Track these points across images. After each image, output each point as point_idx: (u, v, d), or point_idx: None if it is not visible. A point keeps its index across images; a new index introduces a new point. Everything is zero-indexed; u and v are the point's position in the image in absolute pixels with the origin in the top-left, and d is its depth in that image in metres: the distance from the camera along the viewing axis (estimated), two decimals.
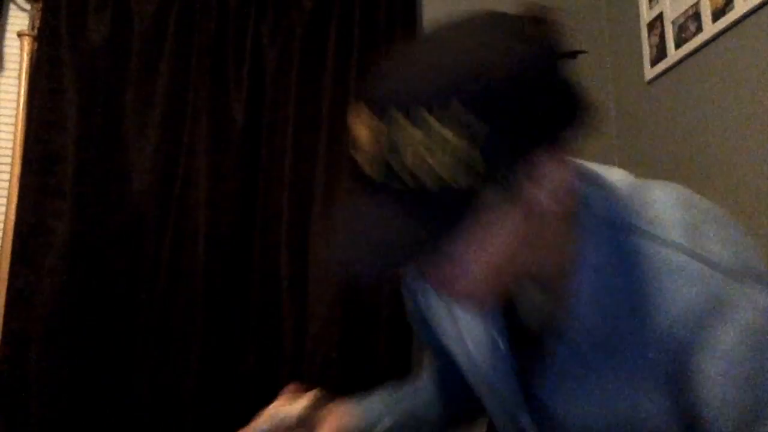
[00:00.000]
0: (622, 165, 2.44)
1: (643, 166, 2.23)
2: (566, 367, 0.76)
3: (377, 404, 1.05)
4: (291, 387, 1.00)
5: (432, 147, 0.58)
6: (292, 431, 0.96)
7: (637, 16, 2.28)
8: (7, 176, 2.16)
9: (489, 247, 0.65)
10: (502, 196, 0.62)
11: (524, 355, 0.81)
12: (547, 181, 0.64)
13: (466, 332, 0.87)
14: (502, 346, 0.82)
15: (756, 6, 1.71)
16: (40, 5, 2.21)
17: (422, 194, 0.60)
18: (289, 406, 1.01)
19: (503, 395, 0.85)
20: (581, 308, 0.72)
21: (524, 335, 0.81)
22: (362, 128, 0.63)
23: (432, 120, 0.58)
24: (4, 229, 2.10)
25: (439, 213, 0.61)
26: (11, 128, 2.20)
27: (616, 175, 0.78)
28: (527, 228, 0.66)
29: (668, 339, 0.67)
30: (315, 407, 1.00)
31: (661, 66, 2.13)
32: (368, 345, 2.11)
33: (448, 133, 0.58)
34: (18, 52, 2.23)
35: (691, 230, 0.69)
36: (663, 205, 0.72)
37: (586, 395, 0.75)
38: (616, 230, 0.70)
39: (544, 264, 0.72)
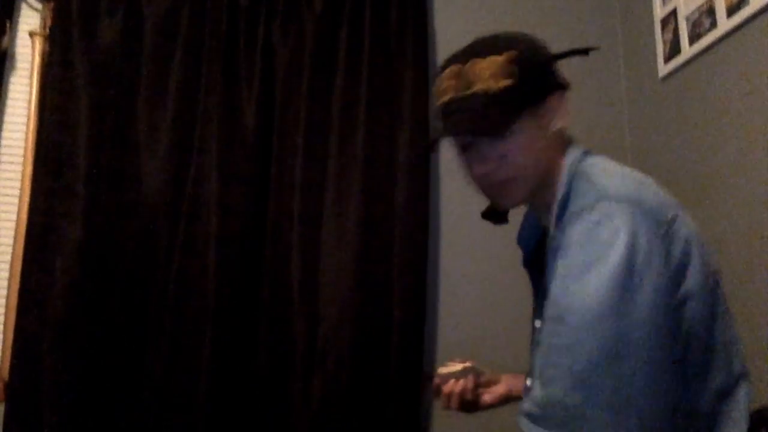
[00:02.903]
0: (634, 161, 2.42)
1: (656, 163, 2.20)
2: (546, 285, 1.06)
3: None
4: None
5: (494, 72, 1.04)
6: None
7: (651, 12, 2.26)
8: (18, 177, 2.17)
9: (522, 139, 1.05)
10: (530, 111, 1.05)
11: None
12: (551, 112, 1.08)
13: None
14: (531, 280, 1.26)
15: None
16: (52, 5, 2.23)
17: (488, 96, 1.03)
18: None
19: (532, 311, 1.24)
20: (551, 229, 1.06)
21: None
22: (447, 77, 1.08)
23: (492, 57, 1.04)
24: (17, 230, 2.11)
25: (497, 108, 1.03)
26: (23, 129, 2.21)
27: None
28: (539, 136, 1.07)
29: (561, 236, 0.99)
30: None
31: (675, 62, 2.10)
32: (380, 346, 2.10)
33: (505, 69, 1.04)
34: (29, 52, 2.24)
35: (605, 175, 1.04)
36: (601, 165, 1.08)
37: (547, 303, 1.04)
38: (573, 176, 1.07)
39: (546, 181, 1.09)
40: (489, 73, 1.03)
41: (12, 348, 2.01)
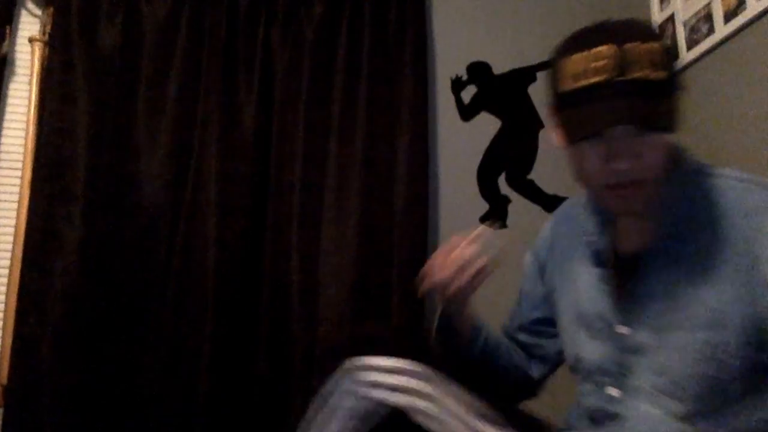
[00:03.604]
0: None
1: None
2: (650, 290, 1.01)
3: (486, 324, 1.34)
4: None
5: (656, 56, 0.93)
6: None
7: (648, 17, 2.27)
8: (18, 181, 2.17)
9: (660, 137, 0.97)
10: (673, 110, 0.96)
11: (618, 285, 1.07)
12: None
13: (579, 281, 1.16)
14: (604, 280, 1.10)
15: None
16: (52, 11, 2.22)
17: (650, 85, 0.92)
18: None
19: (600, 312, 1.09)
20: (663, 230, 1.01)
21: (619, 269, 1.08)
22: (599, 56, 0.93)
23: (650, 44, 0.93)
24: (16, 234, 2.11)
25: (661, 100, 0.94)
26: (22, 133, 2.21)
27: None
28: (669, 136, 0.98)
29: (738, 236, 0.93)
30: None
31: None
32: (379, 348, 2.10)
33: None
34: (29, 58, 2.24)
35: (744, 174, 1.00)
36: (722, 167, 1.04)
37: (666, 310, 0.98)
38: (698, 175, 1.02)
39: (657, 187, 0.99)
40: (648, 61, 0.92)
41: (11, 352, 2.00)
